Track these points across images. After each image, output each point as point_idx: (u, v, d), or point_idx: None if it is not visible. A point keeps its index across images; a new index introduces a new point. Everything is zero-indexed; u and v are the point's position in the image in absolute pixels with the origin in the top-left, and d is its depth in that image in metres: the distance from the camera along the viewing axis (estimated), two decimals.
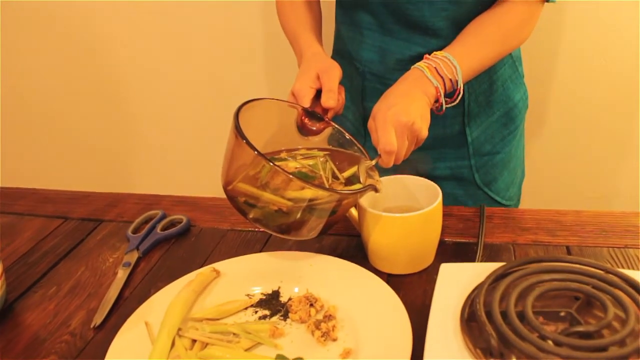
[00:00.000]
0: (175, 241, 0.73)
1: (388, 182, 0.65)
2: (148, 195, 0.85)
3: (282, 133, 0.69)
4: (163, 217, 0.78)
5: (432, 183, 0.63)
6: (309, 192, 0.55)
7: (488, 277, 0.49)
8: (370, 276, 0.59)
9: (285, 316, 0.56)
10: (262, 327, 0.54)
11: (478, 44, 0.71)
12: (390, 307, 0.54)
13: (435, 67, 0.67)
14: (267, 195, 0.56)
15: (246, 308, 0.58)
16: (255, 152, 0.54)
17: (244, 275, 0.61)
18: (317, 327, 0.53)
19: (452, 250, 0.66)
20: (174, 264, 0.68)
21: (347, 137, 0.67)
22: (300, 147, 0.68)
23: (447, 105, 0.68)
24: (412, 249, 0.61)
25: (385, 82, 0.80)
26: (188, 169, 1.52)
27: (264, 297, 0.59)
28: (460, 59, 0.68)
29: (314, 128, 0.68)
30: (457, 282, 0.50)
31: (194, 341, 0.53)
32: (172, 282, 0.61)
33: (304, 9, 0.83)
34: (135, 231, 0.75)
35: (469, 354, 0.42)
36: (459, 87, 0.68)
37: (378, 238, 0.61)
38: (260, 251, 0.68)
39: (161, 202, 0.83)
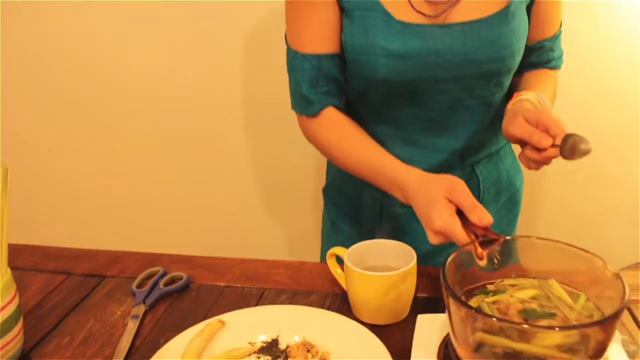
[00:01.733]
0: (177, 296, 0.81)
1: (369, 245, 0.76)
2: (147, 254, 0.93)
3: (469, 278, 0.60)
4: (164, 274, 0.85)
5: (407, 246, 0.75)
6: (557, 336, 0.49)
7: None
8: (357, 325, 0.68)
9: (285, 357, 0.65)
10: None
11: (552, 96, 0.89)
12: (376, 351, 0.63)
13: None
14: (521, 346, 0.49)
15: (250, 354, 0.66)
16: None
17: (247, 326, 0.70)
18: None
19: (425, 303, 0.77)
20: (179, 316, 0.76)
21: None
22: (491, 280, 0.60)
23: None
24: (391, 303, 0.72)
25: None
26: (183, 227, 1.61)
27: (265, 345, 0.68)
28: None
29: (496, 250, 0.60)
30: (432, 329, 0.61)
31: None
32: (182, 332, 0.69)
33: (359, 132, 0.84)
34: (139, 286, 0.83)
35: None
36: None
37: (363, 293, 0.71)
38: (256, 305, 0.77)
39: (160, 260, 0.91)
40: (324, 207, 1.07)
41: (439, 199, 0.67)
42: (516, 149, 1.01)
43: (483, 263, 0.58)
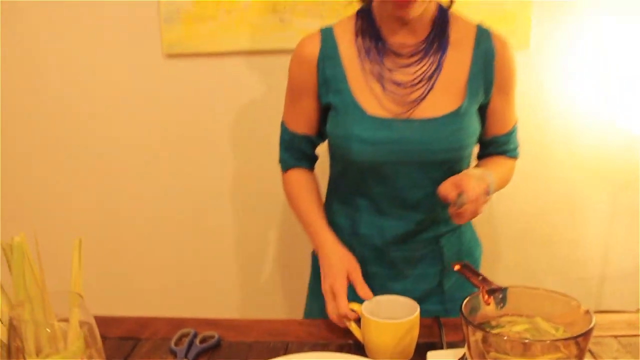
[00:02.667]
0: (212, 352, 0.92)
1: (380, 300, 0.92)
2: (172, 318, 1.03)
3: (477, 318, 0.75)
4: (196, 334, 0.96)
5: (412, 301, 0.91)
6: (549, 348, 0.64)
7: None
8: None
9: None
10: None
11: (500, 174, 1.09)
12: None
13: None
14: None
15: None
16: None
17: None
18: None
19: (423, 346, 0.92)
20: None
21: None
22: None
23: None
24: (402, 346, 0.87)
25: (384, 252, 1.09)
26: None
27: None
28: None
29: (498, 297, 0.77)
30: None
31: None
32: None
33: (310, 192, 1.12)
34: (176, 345, 0.93)
35: None
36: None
37: (381, 339, 0.86)
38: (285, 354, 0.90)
39: (187, 323, 1.01)
40: (311, 267, 1.24)
41: (342, 273, 0.97)
42: (476, 223, 1.23)
43: (489, 306, 0.76)
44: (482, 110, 1.09)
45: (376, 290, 1.07)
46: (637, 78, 1.41)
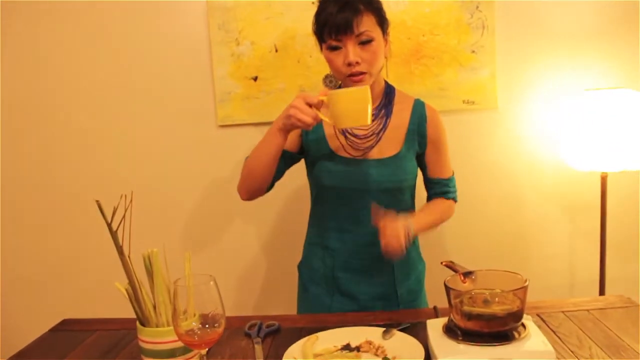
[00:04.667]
0: (275, 334, 1.29)
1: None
2: (241, 316, 1.40)
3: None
4: (261, 323, 1.33)
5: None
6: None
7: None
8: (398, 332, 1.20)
9: (358, 350, 1.15)
10: (348, 355, 1.12)
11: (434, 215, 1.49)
12: (410, 340, 1.15)
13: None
14: None
15: (335, 351, 1.15)
16: None
17: (330, 338, 1.20)
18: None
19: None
20: (283, 342, 1.24)
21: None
22: None
23: None
24: (360, 109, 1.25)
25: (350, 259, 1.48)
26: None
27: (344, 346, 1.17)
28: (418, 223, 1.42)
29: (470, 277, 1.13)
30: (437, 322, 1.14)
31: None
32: (295, 342, 1.17)
33: None
34: (249, 329, 1.30)
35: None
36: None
37: (344, 105, 1.27)
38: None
39: (251, 318, 1.38)
40: (298, 278, 1.62)
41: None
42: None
43: (466, 284, 1.14)
44: (421, 158, 1.52)
45: (342, 291, 1.48)
46: (584, 126, 1.83)
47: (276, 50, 1.95)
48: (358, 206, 1.45)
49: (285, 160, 1.48)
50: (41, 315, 1.99)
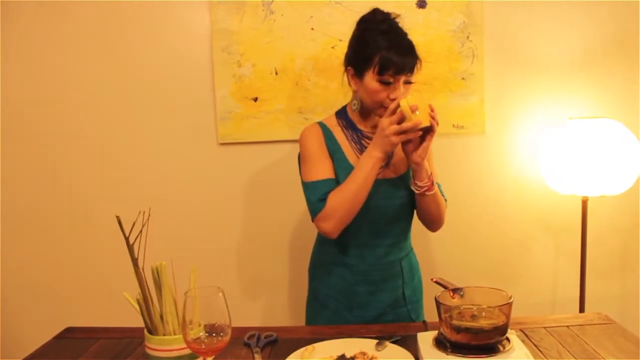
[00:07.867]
0: (273, 344, 1.36)
1: None
2: (240, 327, 1.46)
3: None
4: (260, 334, 1.40)
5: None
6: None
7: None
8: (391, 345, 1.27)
9: None
10: None
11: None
12: (402, 352, 1.22)
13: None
14: None
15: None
16: None
17: (327, 348, 1.26)
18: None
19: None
20: (281, 351, 1.31)
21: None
22: None
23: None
24: (426, 109, 1.40)
25: (369, 272, 1.57)
26: None
27: (339, 356, 1.24)
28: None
29: (459, 293, 1.22)
30: (427, 335, 1.22)
31: None
32: (293, 353, 1.24)
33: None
34: (248, 339, 1.37)
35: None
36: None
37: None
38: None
39: (249, 329, 1.45)
40: (311, 295, 1.67)
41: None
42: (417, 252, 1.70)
43: (455, 300, 1.22)
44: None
45: (360, 303, 1.56)
46: (567, 152, 1.93)
47: (276, 73, 2.04)
48: (379, 222, 1.55)
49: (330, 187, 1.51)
50: (40, 323, 2.03)
